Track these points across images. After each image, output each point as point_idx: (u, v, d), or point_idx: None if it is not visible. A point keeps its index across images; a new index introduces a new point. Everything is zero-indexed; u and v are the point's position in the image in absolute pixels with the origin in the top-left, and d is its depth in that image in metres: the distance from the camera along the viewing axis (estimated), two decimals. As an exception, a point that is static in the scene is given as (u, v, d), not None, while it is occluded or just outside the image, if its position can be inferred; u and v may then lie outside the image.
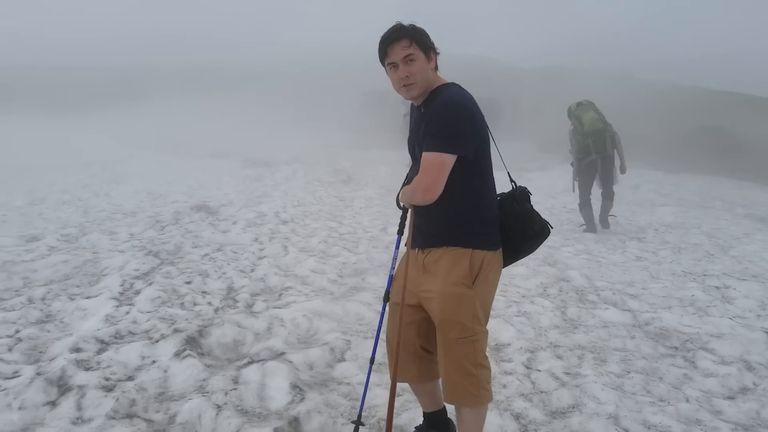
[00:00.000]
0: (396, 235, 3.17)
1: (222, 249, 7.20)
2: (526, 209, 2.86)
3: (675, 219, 10.73)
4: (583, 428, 3.55)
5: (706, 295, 6.25)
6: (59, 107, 35.54)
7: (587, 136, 9.18)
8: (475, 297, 2.71)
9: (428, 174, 2.60)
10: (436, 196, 2.61)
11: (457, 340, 2.72)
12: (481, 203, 2.76)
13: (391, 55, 2.69)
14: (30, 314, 4.88)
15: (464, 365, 2.74)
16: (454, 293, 2.70)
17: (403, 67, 2.68)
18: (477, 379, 2.77)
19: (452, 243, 2.74)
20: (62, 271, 6.17)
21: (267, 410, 3.60)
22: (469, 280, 2.69)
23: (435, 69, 2.79)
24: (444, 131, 2.59)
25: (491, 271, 2.77)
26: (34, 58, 47.99)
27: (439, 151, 2.57)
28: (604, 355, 4.67)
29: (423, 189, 2.61)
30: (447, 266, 2.73)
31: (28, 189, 11.35)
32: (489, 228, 2.78)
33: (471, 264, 2.70)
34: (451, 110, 2.61)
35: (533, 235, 2.86)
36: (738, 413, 3.84)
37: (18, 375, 3.85)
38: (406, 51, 2.66)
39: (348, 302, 5.52)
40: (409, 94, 2.75)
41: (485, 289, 2.77)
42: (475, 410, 2.85)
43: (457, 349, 2.73)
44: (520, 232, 2.82)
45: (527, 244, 2.88)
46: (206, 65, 44.70)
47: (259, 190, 12.03)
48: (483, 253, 2.72)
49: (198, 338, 4.46)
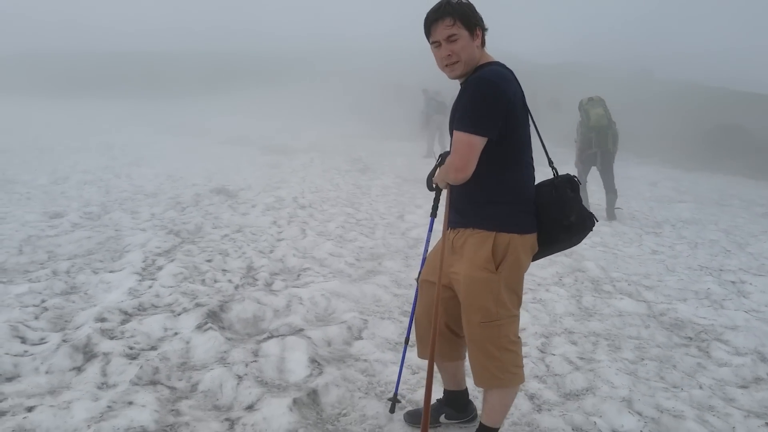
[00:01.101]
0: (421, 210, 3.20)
1: (241, 230, 7.30)
2: (565, 197, 2.75)
3: (692, 215, 10.69)
4: (597, 410, 3.61)
5: (721, 289, 6.25)
6: (83, 91, 35.87)
7: (591, 130, 9.72)
8: (500, 282, 2.66)
9: (458, 153, 2.56)
10: (468, 176, 2.57)
11: (480, 324, 2.71)
12: (510, 185, 2.69)
13: (434, 34, 2.65)
14: (55, 285, 5.00)
15: (488, 348, 2.74)
16: (477, 277, 2.66)
17: (446, 46, 2.62)
18: (501, 363, 2.75)
19: (478, 225, 2.69)
20: (86, 246, 6.29)
21: (286, 382, 3.69)
22: (492, 265, 2.65)
23: (482, 46, 2.71)
24: (471, 110, 2.53)
25: (520, 253, 2.68)
26: (59, 44, 48.43)
27: (467, 131, 2.52)
28: (619, 343, 4.71)
29: (454, 168, 2.57)
30: (472, 249, 2.69)
31: (51, 169, 11.51)
32: (518, 210, 2.69)
33: (495, 247, 2.64)
34: (479, 89, 2.53)
35: (569, 226, 2.73)
36: (751, 401, 3.87)
37: (45, 342, 3.96)
38: (449, 30, 2.60)
39: (365, 284, 5.59)
40: (452, 74, 2.70)
41: (512, 272, 2.70)
42: (500, 392, 2.85)
43: (481, 333, 2.72)
44: (555, 220, 2.73)
45: (563, 235, 2.76)
46: (223, 57, 44.86)
47: (277, 176, 12.12)
48: (509, 236, 2.65)
49: (219, 313, 4.56)
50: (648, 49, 35.06)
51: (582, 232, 2.80)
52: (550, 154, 2.97)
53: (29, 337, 3.99)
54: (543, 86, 22.94)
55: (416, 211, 9.26)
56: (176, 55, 46.06)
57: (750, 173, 16.95)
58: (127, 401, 3.26)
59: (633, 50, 34.41)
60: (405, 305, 5.20)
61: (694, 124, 20.28)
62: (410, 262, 6.52)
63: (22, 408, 3.14)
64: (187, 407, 3.31)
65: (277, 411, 3.23)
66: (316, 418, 3.33)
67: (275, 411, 3.24)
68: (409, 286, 5.70)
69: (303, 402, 3.39)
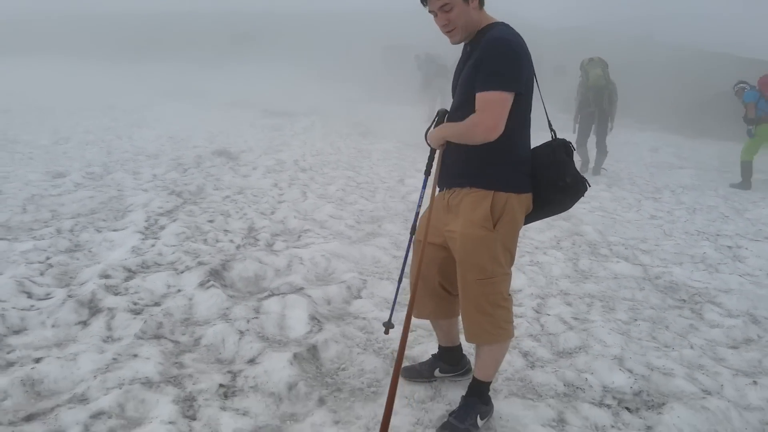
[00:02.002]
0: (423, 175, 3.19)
1: (243, 192, 7.36)
2: (561, 160, 2.78)
3: (692, 181, 10.72)
4: (588, 367, 3.70)
5: (717, 254, 6.33)
6: (84, 53, 35.55)
7: (590, 90, 10.33)
8: (495, 239, 2.71)
9: (491, 111, 2.53)
10: (498, 134, 2.55)
11: (476, 281, 2.75)
12: (511, 145, 2.70)
13: (429, 4, 2.67)
14: (59, 243, 5.07)
15: (482, 305, 2.78)
16: (474, 235, 2.70)
17: (442, 15, 2.65)
18: (494, 319, 2.81)
19: (475, 184, 2.72)
20: (88, 206, 6.35)
21: (287, 338, 3.78)
22: (489, 223, 2.69)
23: (480, 8, 2.71)
24: (501, 69, 2.53)
25: (516, 212, 2.74)
26: (64, 4, 47.83)
27: (499, 89, 2.51)
28: (613, 304, 4.80)
29: (486, 127, 2.53)
30: (469, 207, 2.73)
31: (53, 129, 11.51)
32: (515, 170, 2.73)
33: (493, 206, 2.68)
34: (507, 46, 2.55)
35: (564, 187, 2.77)
36: (740, 361, 3.97)
37: (50, 297, 4.04)
38: (441, 1, 2.62)
39: (365, 246, 5.67)
40: (453, 40, 2.74)
41: (508, 231, 2.75)
42: (492, 348, 2.92)
43: (476, 290, 2.77)
44: (550, 181, 2.76)
45: (558, 197, 2.80)
46: (223, 18, 44.33)
47: (278, 139, 12.13)
48: (506, 195, 2.69)
49: (221, 271, 4.64)
50: (650, 11, 34.58)
51: (575, 195, 2.83)
52: (551, 119, 2.99)
53: (35, 292, 4.08)
54: (549, 51, 22.73)
55: (417, 175, 9.30)
56: (174, 17, 45.50)
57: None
58: (132, 354, 3.35)
59: (634, 13, 33.95)
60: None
61: (697, 91, 20.11)
62: (410, 225, 6.58)
63: (30, 359, 3.24)
64: (190, 360, 3.41)
65: (278, 365, 3.33)
66: (315, 371, 3.43)
67: (276, 365, 3.33)
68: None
69: (303, 357, 3.48)
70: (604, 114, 10.46)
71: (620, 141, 14.87)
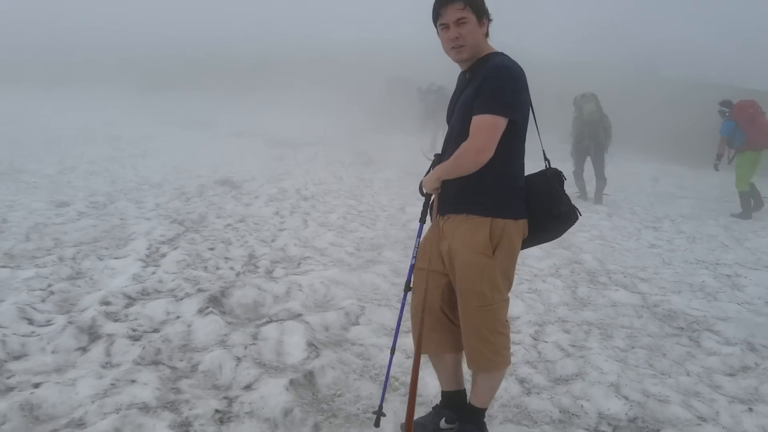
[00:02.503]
0: (418, 223, 3.16)
1: (244, 220, 7.42)
2: (555, 189, 2.84)
3: (692, 211, 10.77)
4: (584, 394, 3.72)
5: (716, 282, 6.35)
6: (89, 85, 36.04)
7: (585, 124, 10.94)
8: (495, 266, 2.73)
9: (482, 134, 2.59)
10: (488, 158, 2.60)
11: (476, 309, 2.77)
12: (507, 172, 2.75)
13: (445, 16, 2.71)
14: (61, 271, 5.12)
15: (482, 332, 2.79)
16: (474, 263, 2.72)
17: (454, 29, 2.69)
18: (494, 346, 2.82)
19: (472, 211, 2.75)
20: (91, 234, 6.42)
21: (284, 364, 3.81)
22: (489, 250, 2.71)
23: (486, 36, 2.80)
24: (499, 94, 2.60)
25: (513, 239, 2.77)
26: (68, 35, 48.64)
27: (493, 113, 2.58)
28: (611, 332, 4.82)
29: (476, 149, 2.60)
30: (468, 234, 2.74)
31: (58, 159, 11.65)
32: (512, 197, 2.77)
33: (491, 232, 2.70)
34: (507, 74, 2.63)
35: (558, 216, 2.82)
36: (737, 388, 3.98)
37: (51, 323, 4.08)
38: (459, 13, 2.67)
39: (364, 273, 5.71)
40: (458, 56, 2.77)
41: (506, 257, 2.77)
42: (489, 375, 2.93)
43: (477, 317, 2.78)
44: (546, 210, 2.80)
45: (552, 224, 2.85)
46: (230, 51, 44.94)
47: (281, 168, 12.24)
48: (504, 222, 2.72)
49: (220, 298, 4.68)
50: (652, 45, 34.91)
51: (567, 223, 2.89)
52: (551, 149, 3.07)
53: (36, 319, 4.12)
54: (551, 83, 22.96)
55: (417, 203, 9.27)
56: (182, 51, 46.17)
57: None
58: (130, 379, 3.38)
59: (637, 46, 34.27)
60: (402, 293, 5.31)
61: (700, 121, 20.20)
62: (409, 253, 6.58)
63: (29, 384, 3.27)
64: (187, 386, 3.44)
65: (274, 390, 3.35)
66: (311, 397, 3.45)
67: (272, 390, 3.35)
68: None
69: (299, 383, 3.51)
70: (600, 146, 10.95)
71: (622, 171, 14.95)
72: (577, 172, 11.32)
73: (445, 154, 2.87)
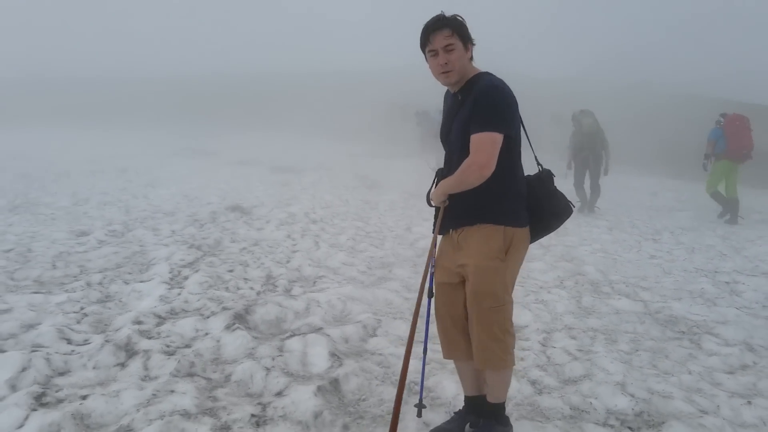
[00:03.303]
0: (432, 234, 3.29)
1: (258, 244, 7.70)
2: (552, 189, 3.15)
3: (691, 223, 11.05)
4: (593, 392, 3.97)
5: (715, 289, 6.61)
6: (91, 118, 36.61)
7: (584, 136, 11.73)
8: (506, 269, 2.96)
9: (483, 151, 2.79)
10: (491, 172, 2.81)
11: (490, 309, 2.95)
12: (513, 182, 2.98)
13: (433, 43, 2.90)
14: (91, 295, 5.39)
15: (495, 332, 2.98)
16: (489, 266, 2.92)
17: (443, 55, 2.89)
18: (505, 345, 3.02)
19: (485, 220, 2.95)
20: (114, 260, 6.69)
21: (310, 373, 4.06)
22: (502, 254, 2.93)
23: (471, 59, 3.01)
24: (493, 112, 2.81)
25: (520, 246, 3.02)
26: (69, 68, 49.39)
27: (490, 130, 2.78)
28: (615, 336, 5.07)
29: (479, 165, 2.79)
30: (482, 241, 2.95)
31: (71, 192, 11.95)
32: (519, 206, 3.00)
33: (504, 239, 2.93)
34: (499, 93, 2.84)
35: (558, 213, 3.13)
36: (736, 385, 4.22)
37: (88, 342, 4.34)
38: (447, 40, 2.86)
39: (377, 289, 5.97)
40: (447, 81, 2.98)
41: (514, 262, 3.02)
42: (500, 374, 3.11)
43: (490, 317, 2.96)
44: (548, 210, 3.09)
45: (554, 222, 3.15)
46: (230, 78, 45.58)
47: (288, 194, 12.54)
48: (513, 230, 2.95)
49: (244, 315, 4.94)
50: (648, 60, 35.47)
51: (564, 217, 3.20)
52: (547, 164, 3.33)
53: (74, 339, 4.38)
54: (546, 101, 23.41)
55: (423, 223, 9.65)
56: (183, 79, 46.86)
57: (750, 182, 17.22)
58: (169, 390, 3.64)
59: (633, 62, 34.84)
60: (415, 307, 5.57)
61: (697, 136, 20.53)
62: (418, 270, 6.90)
63: (77, 397, 3.53)
64: (222, 394, 3.69)
65: (304, 396, 3.61)
66: (338, 402, 3.70)
67: (302, 396, 3.61)
68: (417, 291, 6.05)
69: (326, 389, 3.76)
70: (598, 157, 11.71)
71: (621, 186, 15.27)
72: (577, 183, 11.94)
73: (449, 171, 3.06)
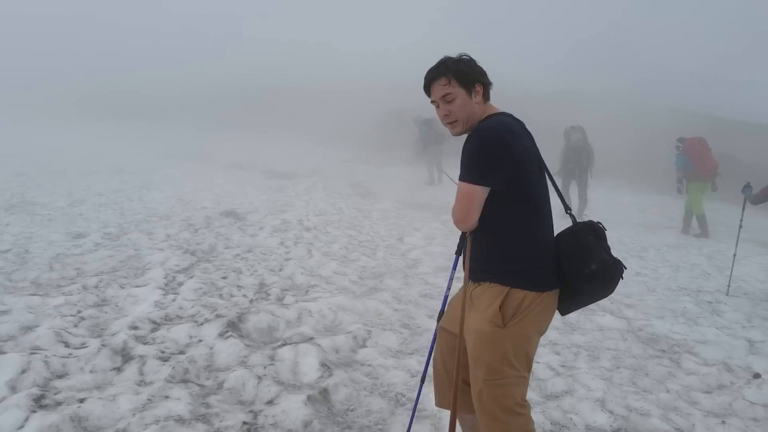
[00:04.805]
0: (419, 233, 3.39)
1: (252, 250, 7.82)
2: (585, 244, 2.62)
3: (677, 240, 11.24)
4: (573, 408, 4.12)
5: (697, 308, 6.78)
6: (88, 115, 36.65)
7: (571, 150, 12.81)
8: (507, 338, 2.55)
9: (459, 204, 2.57)
10: (470, 226, 2.59)
11: (485, 381, 2.59)
12: (527, 238, 2.62)
13: (432, 94, 2.70)
14: (88, 298, 5.50)
15: (493, 410, 2.59)
16: (484, 331, 2.58)
17: (443, 106, 2.66)
18: (508, 427, 2.60)
19: (494, 279, 2.62)
20: (109, 264, 6.80)
21: (300, 382, 4.19)
22: (499, 320, 2.55)
23: (484, 101, 2.70)
24: (471, 161, 2.51)
25: (534, 312, 2.58)
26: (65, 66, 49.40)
27: (467, 181, 2.52)
28: (598, 353, 5.23)
29: (456, 219, 2.61)
30: (486, 302, 2.62)
31: (66, 192, 12.02)
32: (536, 266, 2.61)
33: (506, 303, 2.56)
34: (479, 140, 2.52)
35: (590, 275, 2.58)
36: (712, 404, 4.38)
37: (86, 346, 4.46)
38: (444, 90, 2.63)
39: (368, 300, 6.11)
40: (453, 132, 2.72)
41: (523, 331, 2.58)
42: None
43: (487, 392, 2.60)
44: (576, 269, 2.61)
45: (585, 285, 2.62)
46: (225, 82, 45.68)
47: (282, 200, 12.65)
48: (523, 293, 2.56)
49: (237, 323, 5.07)
50: (641, 76, 35.84)
51: (608, 281, 2.65)
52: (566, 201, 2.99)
53: (72, 342, 4.50)
54: (540, 113, 23.65)
55: (415, 233, 9.79)
56: (176, 81, 46.90)
57: (739, 201, 17.46)
58: (164, 395, 3.77)
59: (626, 78, 35.19)
60: (405, 318, 5.72)
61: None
62: (409, 281, 7.04)
63: (75, 400, 3.65)
64: (215, 401, 3.82)
65: (294, 405, 3.74)
66: (327, 412, 3.84)
67: (292, 405, 3.74)
68: (408, 302, 6.22)
69: (316, 398, 3.90)
70: (584, 170, 12.75)
71: (611, 202, 15.49)
72: (563, 192, 12.17)
73: None
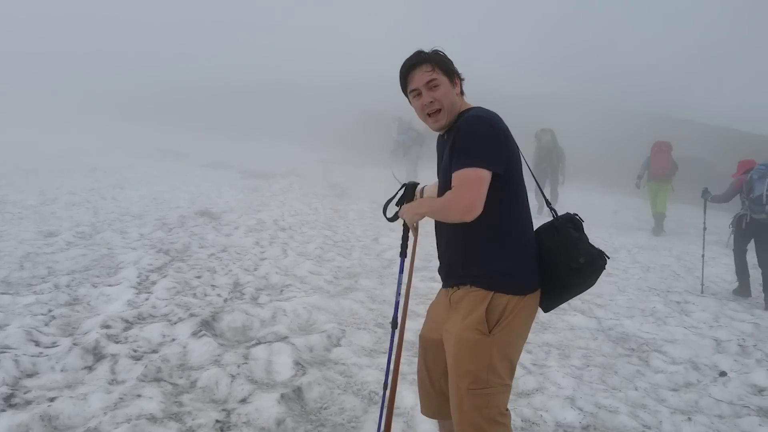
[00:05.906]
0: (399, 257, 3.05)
1: (226, 250, 7.79)
2: (571, 239, 2.53)
3: (648, 242, 11.44)
4: (544, 405, 4.18)
5: (666, 308, 6.91)
6: (61, 115, 36.15)
7: (542, 150, 14.06)
8: (492, 345, 2.45)
9: (468, 190, 2.35)
10: (476, 214, 2.35)
11: (468, 391, 2.46)
12: (511, 237, 2.53)
13: (413, 82, 2.56)
14: (59, 297, 5.45)
15: (476, 420, 2.47)
16: (468, 339, 2.46)
17: (427, 93, 2.53)
18: None
19: (477, 283, 2.51)
20: (82, 263, 6.73)
21: (274, 381, 4.20)
22: (484, 327, 2.45)
23: (460, 94, 2.62)
24: (477, 146, 2.38)
25: (518, 317, 2.48)
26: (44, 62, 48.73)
27: (474, 166, 2.35)
28: (569, 352, 5.31)
29: (462, 206, 2.35)
30: (467, 308, 2.51)
31: (39, 190, 11.87)
32: (519, 269, 2.52)
33: (490, 308, 2.46)
34: (484, 124, 2.43)
35: (580, 268, 2.50)
36: (679, 401, 4.48)
37: (57, 345, 4.42)
38: (428, 76, 2.52)
39: (343, 299, 6.13)
40: (436, 124, 2.59)
41: (508, 337, 2.48)
42: None
43: (470, 401, 2.47)
44: (564, 264, 2.51)
45: (574, 278, 2.54)
46: (201, 81, 45.37)
47: (257, 200, 12.62)
48: (507, 298, 2.46)
49: (211, 322, 5.06)
50: (617, 81, 36.32)
51: (594, 273, 2.57)
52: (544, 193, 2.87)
53: (42, 341, 4.45)
54: (515, 117, 23.81)
55: (390, 234, 9.83)
56: (153, 80, 46.47)
57: (709, 204, 17.79)
58: (136, 394, 3.74)
59: (602, 82, 35.64)
60: (379, 318, 5.75)
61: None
62: (384, 281, 7.07)
63: (45, 398, 3.61)
64: (188, 400, 3.81)
65: (267, 403, 3.75)
66: (300, 410, 3.85)
67: (265, 403, 3.75)
68: (383, 302, 6.25)
69: (289, 397, 3.91)
70: (555, 169, 14.12)
71: (584, 203, 15.65)
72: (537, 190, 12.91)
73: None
